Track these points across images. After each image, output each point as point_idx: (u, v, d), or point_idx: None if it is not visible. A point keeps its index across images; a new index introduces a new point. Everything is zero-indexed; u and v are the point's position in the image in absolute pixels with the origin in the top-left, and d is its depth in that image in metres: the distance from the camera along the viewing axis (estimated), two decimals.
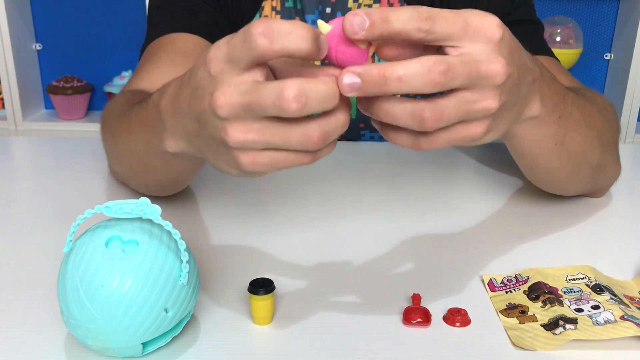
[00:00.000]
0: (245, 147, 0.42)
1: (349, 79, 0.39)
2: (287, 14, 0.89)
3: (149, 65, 0.78)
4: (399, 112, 0.41)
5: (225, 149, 0.43)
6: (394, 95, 0.41)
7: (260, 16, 0.88)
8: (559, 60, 0.82)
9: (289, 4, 0.89)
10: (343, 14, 0.89)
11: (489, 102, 0.42)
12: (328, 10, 0.89)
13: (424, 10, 0.39)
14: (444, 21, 0.40)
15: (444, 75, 0.38)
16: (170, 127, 0.50)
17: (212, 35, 0.83)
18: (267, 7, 0.88)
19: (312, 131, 0.41)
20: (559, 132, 0.57)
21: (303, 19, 0.89)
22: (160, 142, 0.52)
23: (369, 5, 0.89)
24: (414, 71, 0.38)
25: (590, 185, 0.70)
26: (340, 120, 0.42)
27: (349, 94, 0.40)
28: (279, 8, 0.89)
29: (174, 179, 0.64)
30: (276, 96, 0.38)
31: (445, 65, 0.39)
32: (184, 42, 0.80)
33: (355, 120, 0.94)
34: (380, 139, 0.99)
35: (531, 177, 0.69)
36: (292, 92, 0.38)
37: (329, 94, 0.39)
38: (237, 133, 0.41)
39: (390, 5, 0.89)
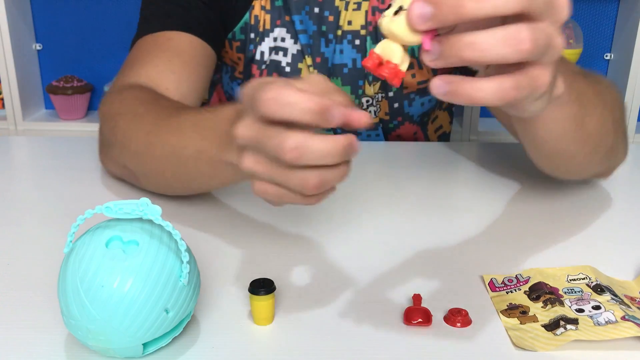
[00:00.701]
0: (255, 176, 0.46)
1: (419, 8, 0.37)
2: (276, 13, 0.89)
3: (146, 62, 0.78)
4: (490, 39, 0.37)
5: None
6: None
7: (250, 15, 0.88)
8: None
9: (279, 3, 0.88)
10: (330, 14, 0.88)
11: (558, 39, 0.40)
12: (316, 10, 0.88)
13: None
14: None
15: None
16: None
17: (206, 33, 0.83)
18: (257, 6, 0.88)
19: (310, 178, 0.43)
20: (580, 113, 0.57)
21: (291, 20, 0.88)
22: (226, 153, 0.53)
23: (358, 4, 0.88)
24: None
25: (603, 166, 0.71)
26: (340, 171, 0.44)
27: (422, 27, 0.38)
28: (268, 7, 0.88)
29: (213, 186, 0.65)
30: (277, 143, 0.42)
31: None
32: (179, 42, 0.80)
33: None
34: (378, 137, 0.99)
35: (547, 165, 0.68)
36: (290, 144, 0.41)
37: (325, 153, 0.42)
38: (248, 162, 0.46)
39: None
